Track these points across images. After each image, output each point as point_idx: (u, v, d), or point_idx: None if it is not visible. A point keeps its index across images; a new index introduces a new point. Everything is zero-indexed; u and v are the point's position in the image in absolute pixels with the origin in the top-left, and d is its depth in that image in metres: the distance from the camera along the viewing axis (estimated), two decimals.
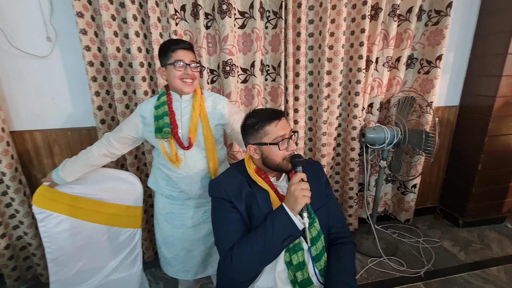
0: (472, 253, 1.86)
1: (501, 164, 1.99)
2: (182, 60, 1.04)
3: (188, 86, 1.08)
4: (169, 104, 1.11)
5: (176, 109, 1.12)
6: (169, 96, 1.13)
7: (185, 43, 1.07)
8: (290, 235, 0.82)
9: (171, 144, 1.10)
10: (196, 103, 1.12)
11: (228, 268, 0.83)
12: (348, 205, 1.97)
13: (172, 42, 1.07)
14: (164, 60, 1.07)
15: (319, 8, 1.60)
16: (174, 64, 1.04)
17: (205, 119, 1.13)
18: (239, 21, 1.52)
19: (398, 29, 1.74)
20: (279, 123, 0.88)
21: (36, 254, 1.58)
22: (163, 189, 1.20)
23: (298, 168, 0.85)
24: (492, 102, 1.84)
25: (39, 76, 1.46)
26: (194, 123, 1.10)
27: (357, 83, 1.70)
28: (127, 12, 1.34)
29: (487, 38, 1.85)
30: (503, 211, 2.15)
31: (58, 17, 1.41)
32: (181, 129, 1.11)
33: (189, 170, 1.13)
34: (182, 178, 1.14)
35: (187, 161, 1.13)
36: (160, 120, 1.09)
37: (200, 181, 1.16)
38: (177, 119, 1.11)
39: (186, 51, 1.07)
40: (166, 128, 1.07)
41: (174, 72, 1.05)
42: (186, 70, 1.05)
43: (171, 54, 1.04)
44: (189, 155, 1.13)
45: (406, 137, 1.68)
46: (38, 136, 1.54)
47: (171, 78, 1.07)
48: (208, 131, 1.12)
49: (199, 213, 1.22)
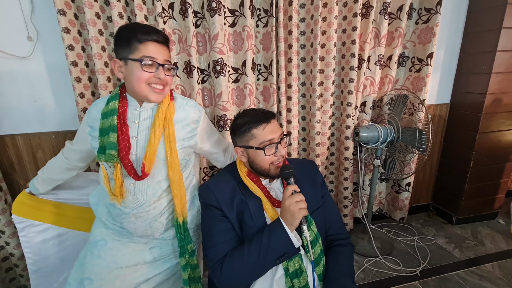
0: (467, 250, 1.87)
1: (492, 161, 2.01)
2: (153, 58, 0.77)
3: (157, 94, 0.81)
4: (121, 112, 0.81)
5: (132, 121, 0.83)
6: (124, 100, 0.83)
7: (160, 34, 0.80)
8: (286, 252, 0.78)
9: (117, 171, 0.80)
10: (159, 116, 0.82)
11: (217, 279, 0.80)
12: (343, 205, 1.95)
13: (141, 28, 0.78)
14: (124, 51, 0.78)
15: (311, 6, 1.58)
16: (141, 61, 0.76)
17: (170, 140, 0.84)
18: (229, 19, 1.48)
19: (389, 28, 1.74)
20: (268, 126, 0.84)
21: (18, 265, 1.50)
22: (102, 216, 0.93)
23: (289, 180, 0.81)
24: (483, 99, 1.85)
25: (20, 77, 1.39)
26: (153, 146, 0.81)
27: (350, 82, 1.69)
28: (113, 10, 1.28)
29: (476, 36, 1.87)
30: (495, 207, 2.17)
31: (39, 15, 1.34)
32: (136, 150, 0.83)
33: (137, 206, 0.85)
34: (125, 215, 0.86)
35: (136, 194, 0.85)
36: (105, 136, 0.80)
37: (153, 222, 0.88)
38: (132, 136, 0.82)
39: (160, 46, 0.79)
40: (110, 150, 0.78)
41: (139, 73, 0.77)
42: (157, 72, 0.78)
43: (137, 46, 0.76)
44: (141, 187, 0.85)
45: (400, 135, 1.68)
46: (20, 140, 1.47)
47: (133, 80, 0.78)
48: (174, 157, 0.85)
49: (144, 251, 0.92)
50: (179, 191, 0.88)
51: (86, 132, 0.89)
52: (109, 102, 0.83)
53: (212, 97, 1.57)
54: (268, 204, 0.85)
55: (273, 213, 0.84)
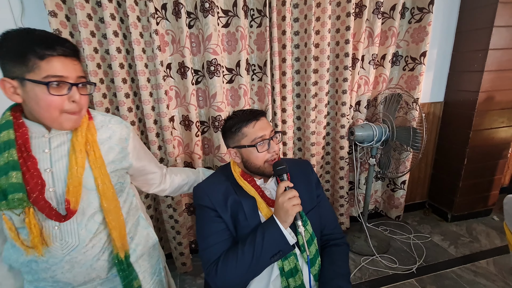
0: (462, 246, 1.88)
1: (486, 158, 2.03)
2: (62, 78, 0.61)
3: (74, 120, 0.67)
4: (21, 143, 0.64)
5: (40, 152, 0.67)
6: (21, 128, 0.64)
7: (67, 45, 0.63)
8: (281, 250, 0.78)
9: (30, 217, 0.63)
10: (79, 140, 0.68)
11: (212, 281, 0.79)
12: (339, 204, 1.95)
13: (39, 39, 0.60)
14: (17, 68, 0.59)
15: (304, 6, 1.59)
16: (48, 84, 0.59)
17: (99, 165, 0.71)
18: (223, 19, 1.48)
19: (383, 27, 1.74)
20: (257, 123, 0.84)
21: None
22: (28, 278, 0.73)
23: (282, 176, 0.81)
24: (475, 97, 1.87)
25: None
26: (76, 176, 0.67)
27: (344, 81, 1.69)
28: (104, 11, 1.27)
29: (468, 35, 1.88)
30: (489, 204, 2.19)
31: (29, 17, 1.32)
32: (53, 185, 0.67)
33: (68, 251, 0.69)
34: (56, 266, 0.69)
35: (64, 238, 0.69)
36: (1, 177, 0.61)
37: (95, 263, 0.73)
38: (44, 170, 0.66)
39: (69, 60, 0.63)
40: (14, 194, 0.60)
41: (47, 98, 0.60)
42: (71, 94, 0.63)
43: (37, 64, 0.59)
44: (69, 228, 0.69)
45: (394, 133, 1.69)
46: None
47: (39, 107, 0.62)
48: (106, 183, 0.72)
49: None
50: (117, 223, 0.74)
51: None
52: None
53: (207, 98, 1.56)
54: (262, 203, 0.85)
55: (268, 212, 0.84)
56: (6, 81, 0.61)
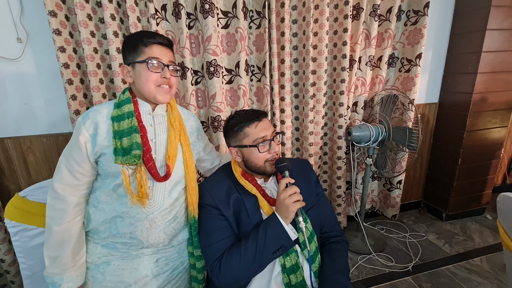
0: (456, 245, 1.92)
1: (479, 158, 2.07)
2: (158, 59, 0.81)
3: (165, 94, 0.84)
4: (138, 115, 0.84)
5: (147, 125, 0.85)
6: (136, 105, 0.85)
7: (163, 38, 0.85)
8: (283, 245, 0.79)
9: (141, 173, 0.80)
10: (174, 120, 0.89)
11: (216, 278, 0.80)
12: (337, 204, 1.97)
13: (145, 33, 0.84)
14: (131, 55, 0.82)
15: (302, 8, 1.61)
16: (147, 62, 0.80)
17: (187, 142, 0.90)
18: (222, 20, 1.49)
19: (379, 29, 1.77)
20: (260, 124, 0.86)
21: (10, 271, 1.47)
22: (102, 235, 0.86)
23: (283, 173, 0.83)
24: (469, 98, 1.91)
25: (10, 79, 1.37)
26: (174, 146, 0.85)
27: (342, 82, 1.72)
28: (105, 11, 1.28)
29: (462, 37, 1.93)
30: (482, 203, 2.23)
31: (29, 17, 1.32)
32: (155, 153, 0.85)
33: (153, 210, 0.85)
34: (139, 223, 0.84)
35: (154, 198, 0.84)
36: (125, 137, 0.78)
37: (167, 228, 0.88)
38: (150, 139, 0.84)
39: (164, 48, 0.84)
40: (136, 150, 0.78)
41: (146, 74, 0.80)
42: (163, 72, 0.82)
43: (143, 49, 0.80)
44: (159, 190, 0.85)
45: (390, 134, 1.71)
46: (9, 144, 1.44)
47: (141, 81, 0.81)
48: (191, 157, 0.90)
49: (150, 264, 0.90)
50: (194, 190, 0.92)
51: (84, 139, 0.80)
52: (121, 106, 0.83)
53: (206, 98, 1.57)
54: (264, 201, 0.87)
55: (269, 210, 0.86)
56: (125, 67, 0.84)
